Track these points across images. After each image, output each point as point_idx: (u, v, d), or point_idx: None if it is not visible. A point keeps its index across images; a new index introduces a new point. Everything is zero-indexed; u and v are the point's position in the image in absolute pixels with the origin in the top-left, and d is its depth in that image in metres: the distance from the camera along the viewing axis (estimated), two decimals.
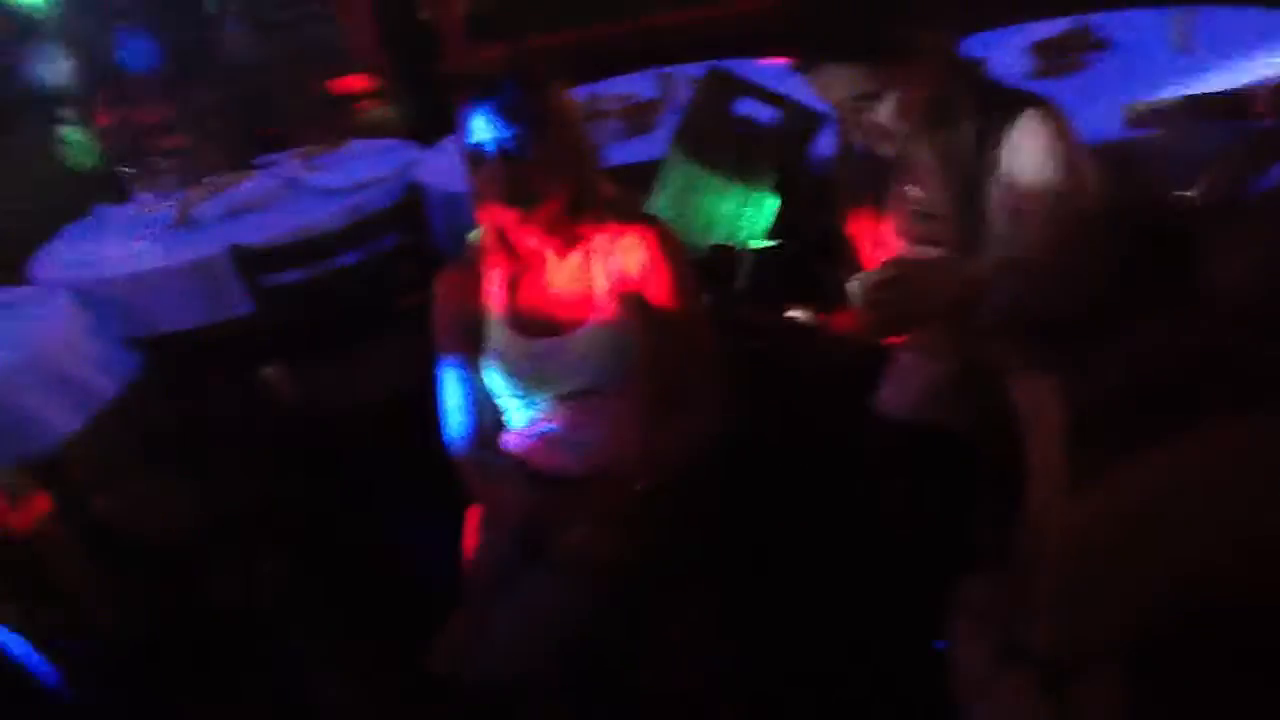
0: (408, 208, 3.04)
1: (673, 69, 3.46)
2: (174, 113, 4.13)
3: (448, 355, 1.98)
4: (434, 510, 2.06)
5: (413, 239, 3.00)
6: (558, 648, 1.74)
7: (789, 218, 2.25)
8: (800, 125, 2.28)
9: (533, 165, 1.81)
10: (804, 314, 1.83)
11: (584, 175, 1.88)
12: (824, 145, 2.38)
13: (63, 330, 2.91)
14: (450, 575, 1.96)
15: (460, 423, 1.98)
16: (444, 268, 2.04)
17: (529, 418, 1.97)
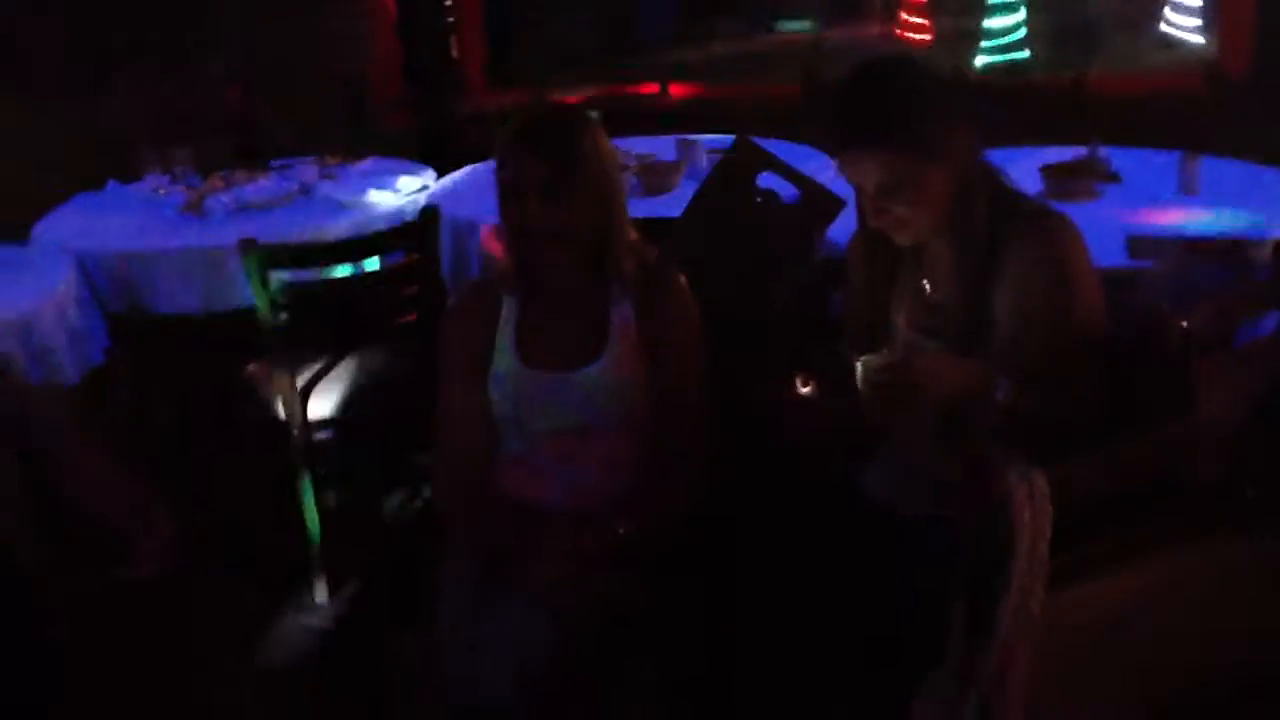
0: (417, 229, 3.08)
1: (696, 137, 3.55)
2: (202, 103, 4.17)
3: (451, 373, 2.01)
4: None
5: (418, 260, 3.03)
6: (518, 680, 1.74)
7: (798, 294, 2.31)
8: (821, 206, 2.34)
9: (565, 201, 1.85)
10: (808, 388, 1.87)
11: (612, 217, 1.93)
12: (838, 229, 2.47)
13: (54, 299, 2.93)
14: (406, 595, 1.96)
15: (451, 442, 2.00)
16: (462, 287, 2.08)
17: (521, 448, 1.99)
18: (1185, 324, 1.79)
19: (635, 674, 1.80)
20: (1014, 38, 7.27)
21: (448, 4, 6.71)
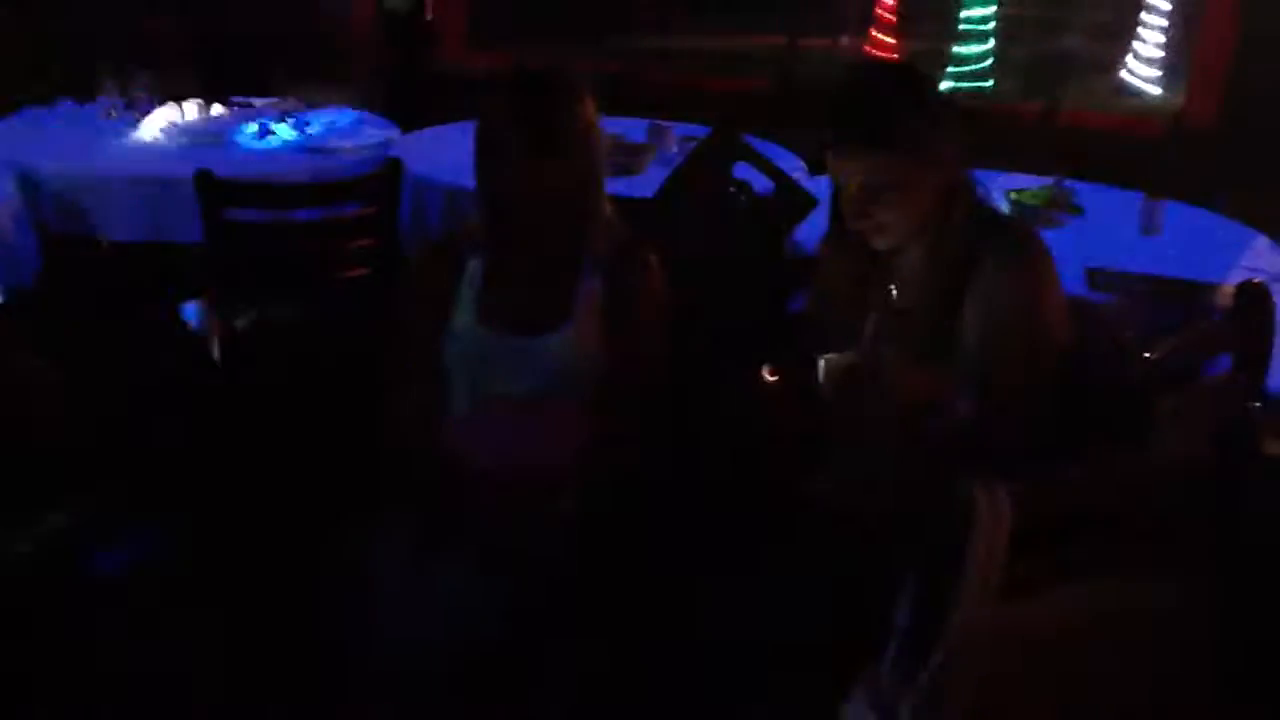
0: (378, 181, 3.01)
1: (668, 123, 3.52)
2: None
3: (407, 326, 1.96)
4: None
5: (376, 212, 2.97)
6: (451, 636, 1.71)
7: (765, 289, 2.29)
8: (794, 202, 2.32)
9: (551, 163, 1.82)
10: (773, 378, 1.85)
11: (589, 186, 1.90)
12: (805, 230, 2.46)
13: None
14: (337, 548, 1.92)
15: (401, 396, 1.96)
16: (425, 242, 2.03)
17: (470, 409, 1.95)
18: (1148, 356, 1.81)
19: (566, 644, 1.78)
20: (982, 66, 7.33)
21: None
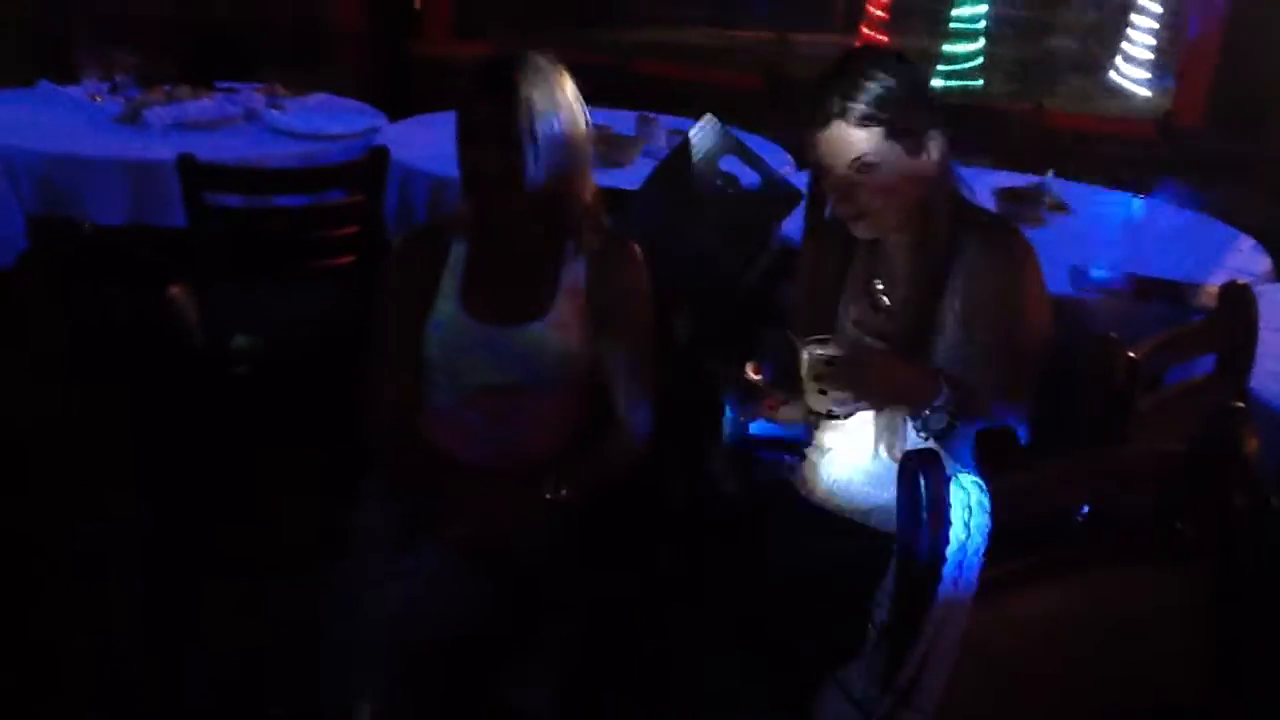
0: (363, 168, 2.99)
1: (657, 115, 3.51)
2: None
3: (390, 313, 1.94)
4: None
5: (361, 200, 2.95)
6: (431, 625, 1.70)
7: (752, 279, 2.29)
8: (780, 195, 2.32)
9: (532, 152, 1.80)
10: (755, 375, 1.85)
11: (571, 173, 1.88)
12: (793, 224, 2.45)
13: None
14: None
15: (383, 384, 1.94)
16: (409, 229, 2.01)
17: (451, 400, 1.94)
18: (1132, 355, 1.81)
19: (548, 635, 1.77)
20: (972, 65, 7.35)
21: None
